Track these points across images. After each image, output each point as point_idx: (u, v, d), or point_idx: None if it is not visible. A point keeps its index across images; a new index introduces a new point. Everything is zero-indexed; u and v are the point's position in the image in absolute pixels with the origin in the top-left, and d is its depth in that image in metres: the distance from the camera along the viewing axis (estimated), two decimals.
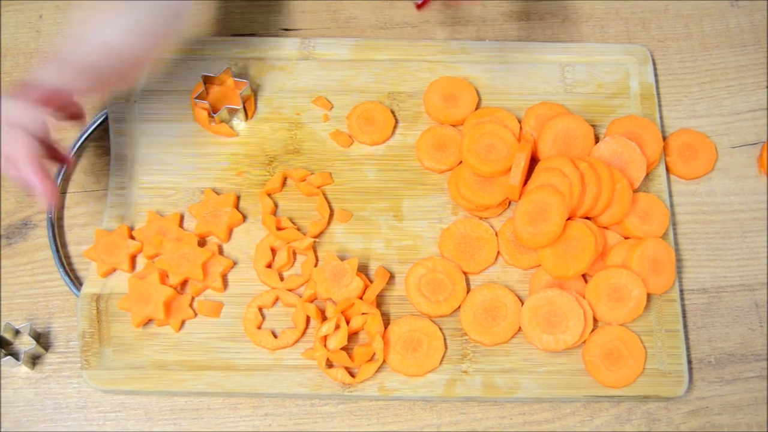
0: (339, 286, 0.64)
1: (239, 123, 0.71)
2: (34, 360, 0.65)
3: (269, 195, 0.69)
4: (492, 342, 0.64)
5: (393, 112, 0.72)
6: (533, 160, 0.69)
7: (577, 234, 0.64)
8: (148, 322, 0.65)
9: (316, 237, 0.67)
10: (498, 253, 0.67)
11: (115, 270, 0.66)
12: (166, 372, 0.63)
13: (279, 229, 0.67)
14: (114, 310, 0.65)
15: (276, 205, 0.69)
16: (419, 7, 0.58)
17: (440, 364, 0.63)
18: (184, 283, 0.66)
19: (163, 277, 0.65)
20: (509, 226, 0.67)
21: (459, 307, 0.65)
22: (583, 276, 0.66)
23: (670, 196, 0.70)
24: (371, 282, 0.65)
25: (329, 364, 0.63)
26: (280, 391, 0.63)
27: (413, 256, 0.67)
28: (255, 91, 0.72)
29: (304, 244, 0.66)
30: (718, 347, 0.66)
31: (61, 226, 0.69)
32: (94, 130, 0.72)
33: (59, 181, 0.70)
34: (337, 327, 0.62)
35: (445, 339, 0.64)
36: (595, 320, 0.65)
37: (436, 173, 0.70)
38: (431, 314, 0.65)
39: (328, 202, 0.69)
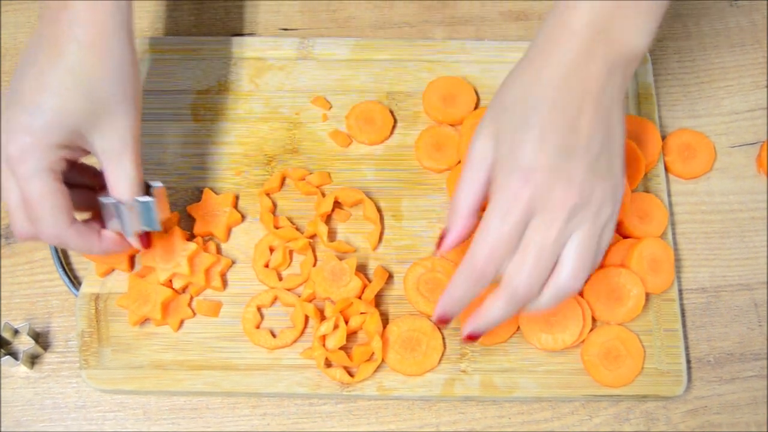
0: (338, 286, 0.64)
1: None
2: (33, 359, 0.65)
3: (268, 194, 0.69)
4: (490, 342, 0.64)
5: (392, 112, 0.72)
6: None
7: None
8: (146, 321, 0.65)
9: (312, 237, 0.67)
10: None
11: (113, 270, 0.66)
12: (165, 372, 0.63)
13: (277, 227, 0.67)
14: (113, 309, 0.65)
15: (275, 205, 0.69)
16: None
17: (439, 363, 0.63)
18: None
19: None
20: None
21: None
22: None
23: (669, 195, 0.70)
24: (370, 282, 0.65)
25: (328, 364, 0.63)
26: (278, 391, 0.63)
27: (412, 256, 0.67)
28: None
29: (299, 243, 0.66)
30: (717, 347, 0.66)
31: None
32: None
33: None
34: (336, 326, 0.62)
35: (443, 338, 0.64)
36: (594, 320, 0.65)
37: (434, 173, 0.70)
38: (430, 314, 0.64)
39: None
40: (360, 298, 0.64)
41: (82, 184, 0.60)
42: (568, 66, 0.52)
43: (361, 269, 0.66)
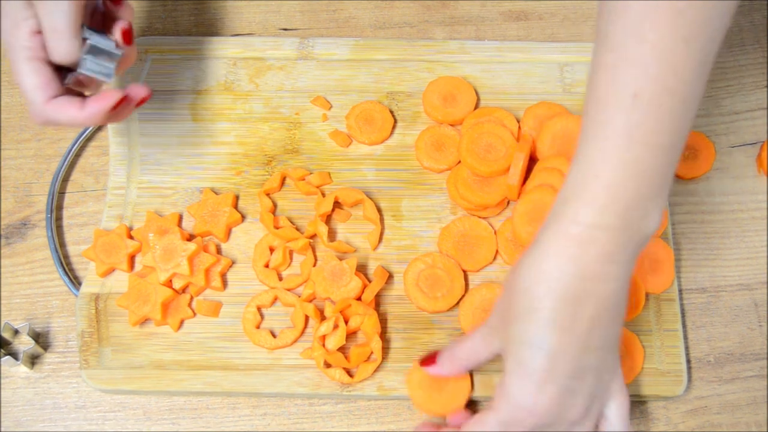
0: (338, 286, 0.64)
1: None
2: (33, 360, 0.65)
3: (268, 194, 0.69)
4: None
5: (392, 112, 0.72)
6: (532, 160, 0.69)
7: None
8: (146, 321, 0.65)
9: (312, 237, 0.67)
10: (497, 252, 0.67)
11: (113, 270, 0.66)
12: (165, 372, 0.63)
13: (277, 227, 0.67)
14: (113, 309, 0.65)
15: (275, 205, 0.69)
16: None
17: None
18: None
19: None
20: (508, 226, 0.67)
21: (456, 303, 0.65)
22: None
23: (669, 195, 0.70)
24: (370, 282, 0.65)
25: (327, 364, 0.63)
26: (278, 391, 0.63)
27: (412, 256, 0.67)
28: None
29: (299, 243, 0.66)
30: (716, 346, 0.66)
31: (60, 226, 0.69)
32: (92, 130, 0.72)
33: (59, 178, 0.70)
34: (336, 326, 0.62)
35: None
36: None
37: (434, 173, 0.70)
38: (428, 310, 0.65)
39: None
40: (360, 298, 0.64)
41: None
42: (582, 273, 0.47)
43: (361, 269, 0.66)
